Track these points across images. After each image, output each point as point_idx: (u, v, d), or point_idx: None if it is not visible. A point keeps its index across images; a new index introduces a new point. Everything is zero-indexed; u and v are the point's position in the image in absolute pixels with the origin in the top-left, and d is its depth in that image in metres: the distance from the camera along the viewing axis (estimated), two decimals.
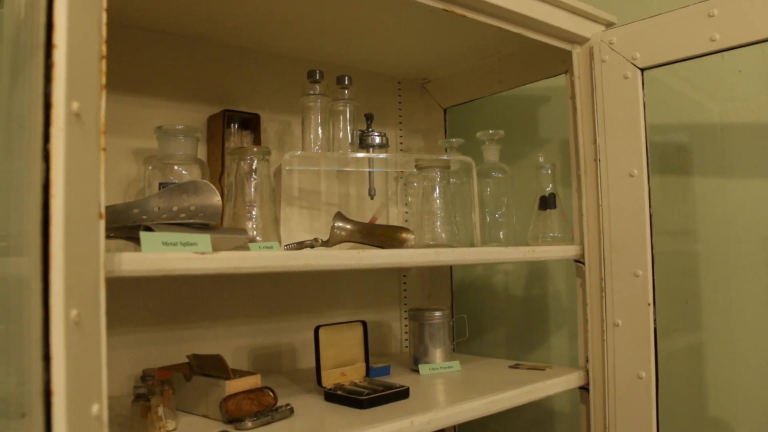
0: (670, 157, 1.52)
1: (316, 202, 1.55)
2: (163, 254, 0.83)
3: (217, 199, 1.03)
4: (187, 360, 1.24)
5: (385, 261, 1.04)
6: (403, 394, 1.19)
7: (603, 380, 1.30)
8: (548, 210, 1.40)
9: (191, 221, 0.99)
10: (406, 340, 1.70)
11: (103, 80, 0.71)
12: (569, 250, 1.34)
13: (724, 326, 1.44)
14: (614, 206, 1.29)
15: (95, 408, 0.67)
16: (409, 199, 1.68)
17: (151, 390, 0.98)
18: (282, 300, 1.50)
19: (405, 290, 1.73)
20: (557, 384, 1.31)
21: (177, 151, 1.22)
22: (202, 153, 1.35)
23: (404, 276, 1.73)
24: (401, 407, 1.13)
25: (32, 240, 0.63)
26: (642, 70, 1.27)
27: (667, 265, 1.45)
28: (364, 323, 1.31)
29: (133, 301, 1.30)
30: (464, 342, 1.77)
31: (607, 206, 1.30)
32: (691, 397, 1.47)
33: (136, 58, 1.34)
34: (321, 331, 1.24)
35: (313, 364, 1.37)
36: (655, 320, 1.24)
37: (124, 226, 0.98)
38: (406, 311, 1.71)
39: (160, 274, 0.82)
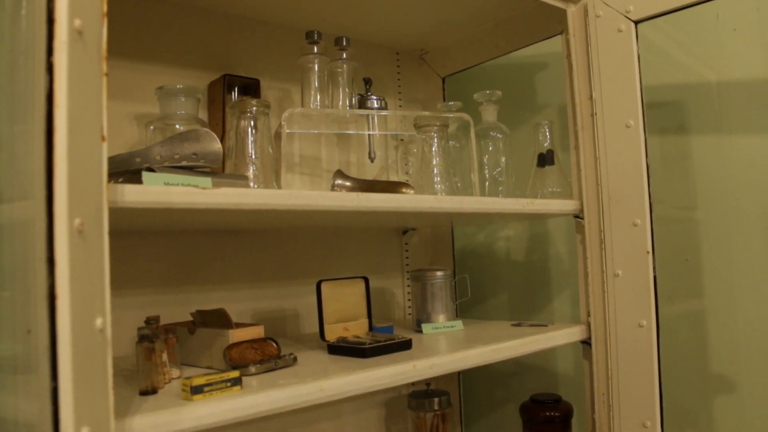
0: (668, 119, 1.53)
1: (317, 168, 1.56)
2: (166, 188, 0.84)
3: (218, 145, 1.04)
4: (190, 318, 1.25)
5: (385, 205, 1.05)
6: (405, 344, 1.20)
7: (605, 332, 1.31)
8: (546, 167, 1.41)
9: (193, 164, 1.00)
10: (409, 307, 1.71)
11: (105, 8, 0.73)
12: (568, 205, 1.35)
13: (724, 284, 1.45)
14: (611, 158, 1.30)
15: (99, 321, 0.68)
16: (409, 168, 1.69)
17: (154, 333, 0.99)
18: (285, 264, 1.51)
19: (407, 257, 1.74)
20: (559, 336, 1.32)
21: (178, 111, 1.23)
22: (203, 119, 1.37)
23: (406, 244, 1.74)
24: (404, 356, 1.14)
25: (36, 153, 0.64)
26: (636, 22, 1.28)
27: (666, 223, 1.46)
28: (366, 279, 1.32)
29: (135, 264, 1.31)
30: (467, 307, 1.78)
31: (605, 159, 1.31)
32: (693, 354, 1.48)
33: (137, 25, 1.35)
34: (323, 285, 1.26)
35: (317, 329, 1.39)
36: (654, 268, 1.25)
37: (127, 171, 0.99)
38: (408, 278, 1.72)
39: (163, 207, 0.84)
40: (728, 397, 1.44)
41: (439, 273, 1.44)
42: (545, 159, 1.41)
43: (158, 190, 0.83)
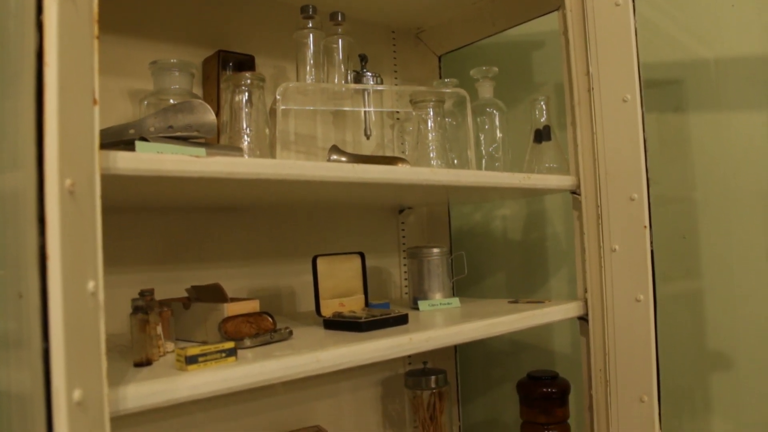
0: (665, 98, 1.53)
1: (312, 146, 1.56)
2: (159, 155, 0.84)
3: (212, 117, 1.03)
4: (185, 295, 1.24)
5: (380, 176, 1.04)
6: (402, 319, 1.19)
7: (602, 307, 1.31)
8: (543, 143, 1.40)
9: (187, 135, 0.99)
10: (406, 286, 1.71)
11: None
12: (565, 180, 1.35)
13: (721, 262, 1.44)
14: (608, 133, 1.29)
15: (91, 285, 0.67)
16: (406, 147, 1.68)
17: (149, 305, 0.98)
18: (281, 242, 1.51)
19: (404, 236, 1.73)
20: (556, 312, 1.32)
21: (172, 86, 1.22)
22: (197, 94, 1.36)
23: (402, 223, 1.74)
24: (400, 330, 1.14)
25: (26, 114, 0.63)
26: None
27: (664, 204, 1.45)
28: (361, 255, 1.31)
29: (129, 241, 1.30)
30: (464, 287, 1.78)
31: (602, 134, 1.30)
32: (690, 332, 1.48)
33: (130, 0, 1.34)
34: (319, 260, 1.25)
35: (313, 307, 1.38)
36: (651, 242, 1.24)
37: (120, 142, 0.99)
38: (405, 257, 1.71)
39: (155, 175, 0.83)
40: (724, 374, 1.44)
41: (435, 250, 1.44)
42: (542, 135, 1.40)
43: (151, 158, 0.82)
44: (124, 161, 0.80)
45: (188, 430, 1.37)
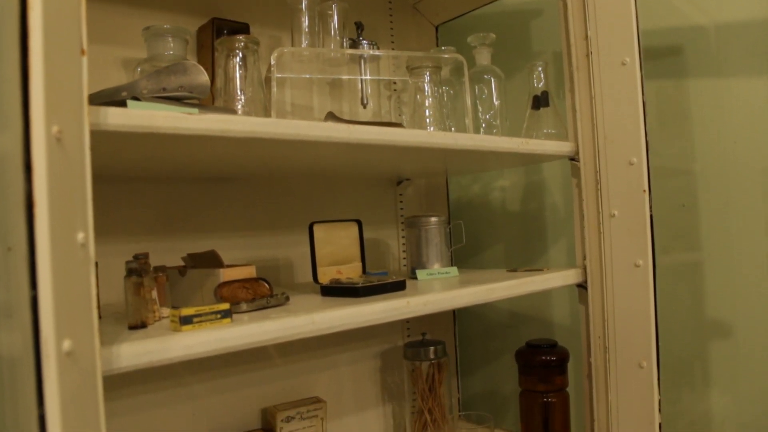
0: (664, 66, 1.51)
1: (309, 117, 1.54)
2: (151, 111, 0.82)
3: (205, 78, 1.02)
4: (181, 263, 1.23)
5: (377, 138, 1.03)
6: (399, 285, 1.18)
7: (601, 274, 1.30)
8: (541, 109, 1.39)
9: (180, 95, 0.98)
10: (404, 258, 1.70)
11: None
12: (563, 146, 1.33)
13: (721, 231, 1.43)
14: (607, 97, 1.28)
15: (80, 236, 0.66)
16: (403, 119, 1.67)
17: (143, 268, 0.97)
18: (277, 213, 1.50)
19: (402, 208, 1.72)
20: (555, 278, 1.31)
21: (166, 52, 1.21)
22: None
23: (401, 195, 1.73)
24: (398, 295, 1.12)
25: (11, 60, 0.62)
26: None
27: (663, 175, 1.44)
28: (359, 222, 1.30)
29: (123, 211, 1.29)
30: (462, 258, 1.77)
31: (600, 99, 1.29)
32: (689, 301, 1.47)
33: None
34: (315, 227, 1.24)
35: (310, 278, 1.37)
36: (650, 207, 1.23)
37: (111, 103, 0.97)
38: (403, 229, 1.70)
39: (147, 132, 0.81)
40: (723, 347, 1.43)
41: (433, 219, 1.43)
42: (540, 101, 1.39)
43: (142, 114, 0.81)
44: (114, 117, 0.78)
45: (185, 402, 1.36)
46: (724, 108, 1.42)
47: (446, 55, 1.37)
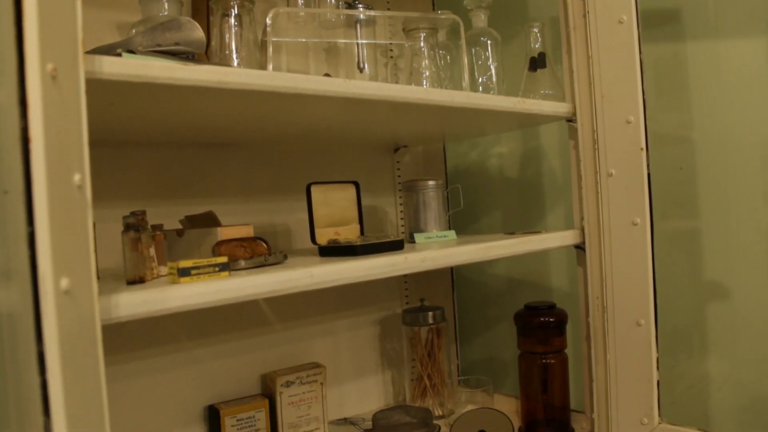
0: (661, 30, 1.50)
1: None
2: (146, 61, 0.82)
3: (200, 33, 1.01)
4: (179, 225, 1.23)
5: (374, 93, 1.03)
6: (397, 244, 1.18)
7: (598, 233, 1.30)
8: (538, 70, 1.38)
9: (175, 49, 0.97)
10: (402, 225, 1.70)
11: None
12: (561, 107, 1.33)
13: (719, 196, 1.42)
14: (604, 56, 1.27)
15: (77, 177, 0.66)
16: (400, 84, 1.66)
17: (141, 224, 0.97)
18: (275, 180, 1.50)
19: (399, 176, 1.72)
20: (553, 239, 1.31)
21: (160, 13, 1.20)
22: None
23: (398, 162, 1.72)
24: (396, 253, 1.13)
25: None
26: None
27: (660, 143, 1.44)
28: (356, 184, 1.30)
29: (121, 176, 1.29)
30: (460, 225, 1.77)
31: (597, 58, 1.28)
32: (687, 271, 1.47)
33: None
34: (313, 188, 1.24)
35: (308, 244, 1.37)
36: (648, 165, 1.23)
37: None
38: (401, 196, 1.70)
39: (142, 81, 0.81)
40: (721, 314, 1.44)
41: (431, 182, 1.43)
42: (537, 62, 1.38)
43: (137, 63, 0.81)
44: (110, 65, 0.78)
45: (184, 367, 1.36)
46: (721, 72, 1.41)
47: (442, 16, 1.37)
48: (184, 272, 0.88)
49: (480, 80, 1.40)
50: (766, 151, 1.34)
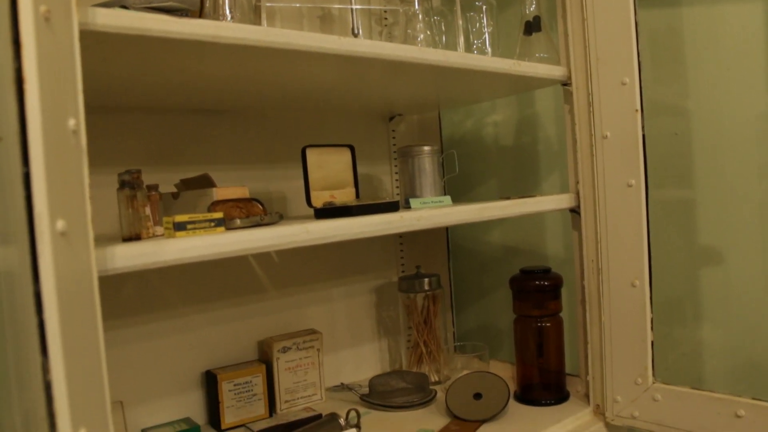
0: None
1: None
2: (140, 13, 0.82)
3: None
4: (174, 189, 1.23)
5: (368, 50, 1.02)
6: (392, 206, 1.18)
7: (594, 196, 1.30)
8: (534, 34, 1.38)
9: (169, 5, 0.97)
10: (398, 195, 1.70)
11: None
12: (556, 70, 1.33)
13: (714, 164, 1.43)
14: (599, 18, 1.27)
15: (72, 122, 0.66)
16: None
17: (136, 182, 0.97)
18: (270, 146, 1.49)
19: (394, 144, 1.72)
20: (548, 202, 1.32)
21: None
22: None
23: (393, 131, 1.72)
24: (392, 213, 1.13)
25: None
26: None
27: (655, 112, 1.44)
28: (351, 147, 1.30)
29: (115, 142, 1.28)
30: (456, 193, 1.77)
31: (593, 19, 1.28)
32: (682, 242, 1.47)
33: None
34: (308, 151, 1.24)
35: (304, 211, 1.37)
36: (643, 127, 1.23)
37: None
38: (396, 165, 1.70)
39: (136, 34, 0.81)
40: (714, 284, 1.44)
41: (426, 148, 1.43)
42: (532, 26, 1.38)
43: (132, 15, 0.80)
44: (103, 17, 0.78)
45: (182, 333, 1.37)
46: (718, 40, 1.41)
47: None
48: (180, 226, 0.88)
49: (475, 44, 1.40)
50: (762, 123, 1.34)
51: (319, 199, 1.24)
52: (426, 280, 1.56)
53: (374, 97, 1.45)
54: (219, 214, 0.92)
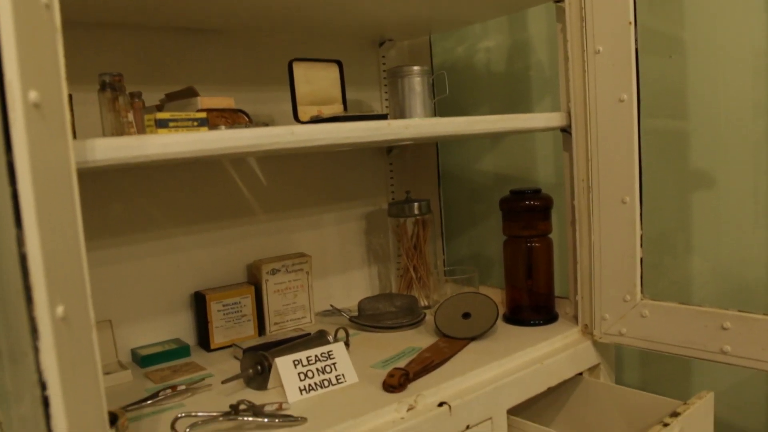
0: None
1: None
2: None
3: None
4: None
5: None
6: (382, 117, 1.17)
7: (585, 113, 1.28)
8: None
9: None
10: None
11: None
12: None
13: (707, 107, 1.41)
14: None
15: None
16: None
17: (117, 85, 0.95)
18: (258, 68, 1.47)
19: (384, 71, 1.69)
20: (539, 119, 1.30)
21: None
22: None
23: (383, 57, 1.70)
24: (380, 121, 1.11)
25: None
26: None
27: (649, 57, 1.41)
28: (339, 63, 1.28)
29: (99, 58, 1.26)
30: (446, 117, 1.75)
31: None
32: (673, 175, 1.46)
33: None
34: (295, 64, 1.22)
35: None
36: (636, 41, 1.21)
37: None
38: (386, 91, 1.68)
39: None
40: (705, 217, 1.44)
41: (416, 68, 1.40)
42: None
43: None
44: None
45: (170, 254, 1.36)
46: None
47: None
48: (162, 123, 0.87)
49: None
50: (758, 60, 1.32)
51: (307, 113, 1.22)
52: (416, 204, 1.55)
53: (362, 16, 1.42)
54: (202, 114, 0.91)
